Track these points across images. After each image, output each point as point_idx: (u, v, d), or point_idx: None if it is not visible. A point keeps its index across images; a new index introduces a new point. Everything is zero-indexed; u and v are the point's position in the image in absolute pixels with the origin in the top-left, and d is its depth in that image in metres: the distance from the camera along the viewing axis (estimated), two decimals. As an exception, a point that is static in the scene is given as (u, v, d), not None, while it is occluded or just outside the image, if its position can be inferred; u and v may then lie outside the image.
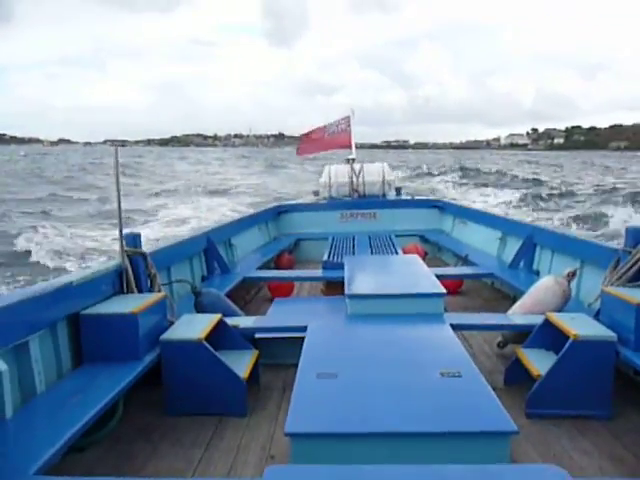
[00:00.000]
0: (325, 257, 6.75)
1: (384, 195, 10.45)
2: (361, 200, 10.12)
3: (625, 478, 2.71)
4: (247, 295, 6.54)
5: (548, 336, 3.85)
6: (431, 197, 11.25)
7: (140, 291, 4.11)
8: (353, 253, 7.13)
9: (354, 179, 10.31)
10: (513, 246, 6.69)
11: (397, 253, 7.03)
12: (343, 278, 4.88)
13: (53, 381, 3.18)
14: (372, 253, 7.14)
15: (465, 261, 7.31)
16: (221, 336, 3.93)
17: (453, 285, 6.52)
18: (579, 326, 3.55)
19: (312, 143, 10.99)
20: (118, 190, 4.00)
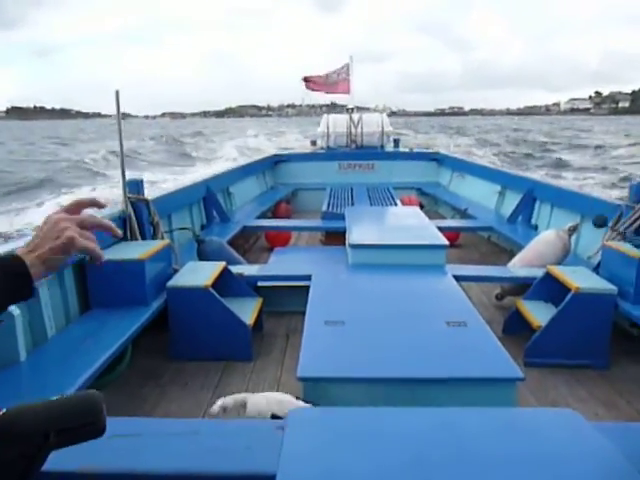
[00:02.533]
0: (324, 207, 6.74)
1: (382, 146, 10.35)
2: (359, 151, 10.03)
3: (619, 421, 2.83)
4: (246, 244, 6.56)
5: (548, 289, 3.92)
6: (429, 150, 11.16)
7: (143, 238, 4.10)
8: (352, 204, 7.12)
9: (352, 129, 10.18)
10: (512, 200, 6.70)
11: (396, 205, 7.03)
12: (343, 228, 4.89)
13: (62, 326, 3.20)
14: (371, 204, 7.14)
15: (464, 214, 7.33)
16: (226, 283, 3.96)
17: (450, 237, 6.54)
18: (580, 279, 3.61)
19: (315, 84, 10.83)
20: (120, 136, 3.93)
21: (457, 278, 3.96)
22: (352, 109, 10.39)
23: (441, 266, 4.13)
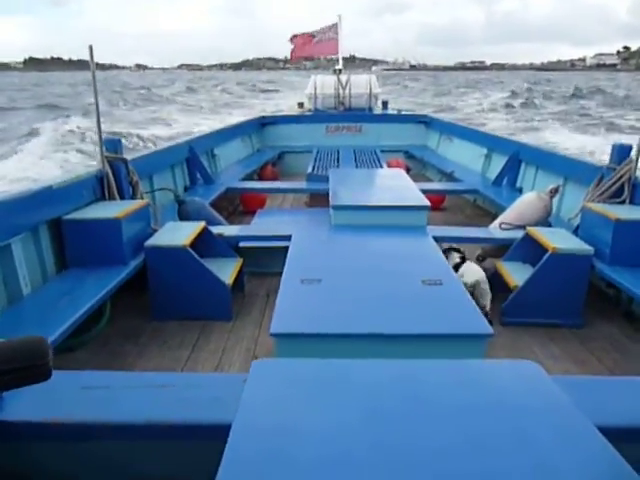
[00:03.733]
0: (309, 169, 6.68)
1: (370, 109, 10.22)
2: (347, 113, 9.90)
3: (585, 375, 2.89)
4: (230, 206, 6.51)
5: (527, 250, 3.94)
6: (417, 112, 11.04)
7: (122, 198, 4.05)
8: (338, 166, 7.07)
9: (340, 91, 10.02)
10: (498, 163, 6.68)
11: (382, 167, 6.98)
12: (327, 190, 4.86)
13: (39, 284, 3.19)
14: (357, 167, 7.09)
15: (450, 178, 7.31)
16: (205, 244, 3.94)
17: (436, 200, 6.55)
18: (558, 240, 3.63)
19: (301, 47, 10.58)
20: (95, 93, 3.83)
21: (438, 239, 3.97)
22: (340, 70, 10.20)
23: (422, 227, 4.13)
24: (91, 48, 3.69)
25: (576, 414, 1.34)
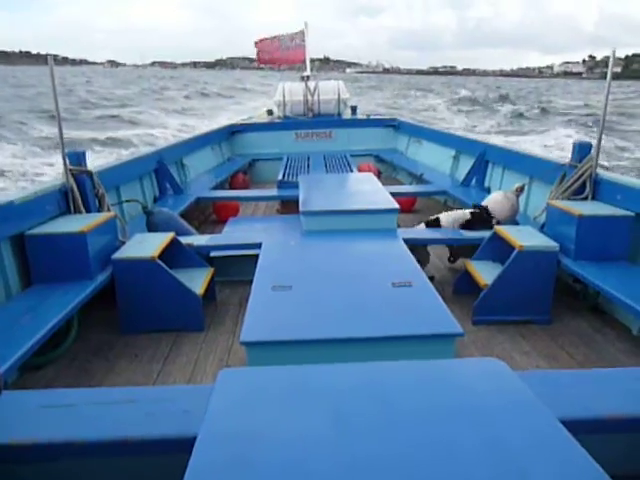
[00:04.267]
0: (280, 176, 6.68)
1: (339, 114, 10.27)
2: (316, 119, 9.93)
3: (556, 369, 2.94)
4: (201, 216, 6.46)
5: (495, 248, 4.00)
6: (386, 116, 11.13)
7: (88, 211, 3.98)
8: (308, 172, 7.08)
9: (309, 97, 10.05)
10: (466, 164, 6.78)
11: (352, 172, 7.02)
12: (298, 197, 4.86)
13: (2, 302, 3.11)
14: (327, 172, 7.11)
15: (420, 180, 7.38)
16: (175, 254, 3.90)
17: (407, 203, 6.61)
18: (524, 237, 3.69)
19: (268, 54, 10.58)
20: (56, 105, 3.77)
21: (408, 241, 4.00)
22: (308, 77, 10.23)
23: (392, 230, 4.16)
24: (51, 59, 3.63)
25: (540, 409, 1.36)
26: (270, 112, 10.78)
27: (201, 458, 1.17)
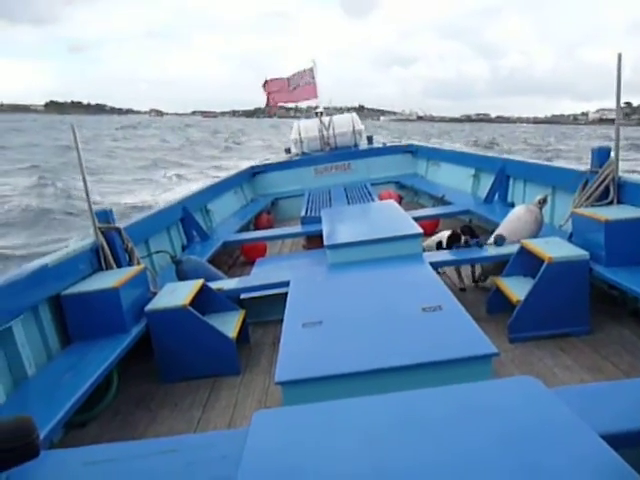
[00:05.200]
0: (303, 213, 6.76)
1: (356, 145, 10.40)
2: (333, 152, 10.07)
3: (602, 382, 2.85)
4: (229, 259, 6.56)
5: (525, 263, 3.95)
6: (402, 142, 11.22)
7: (119, 266, 4.10)
8: (330, 206, 7.15)
9: (324, 132, 10.23)
10: (487, 181, 6.75)
11: (373, 201, 7.06)
12: (322, 231, 4.90)
13: (43, 363, 3.20)
14: (349, 203, 7.17)
15: (442, 202, 7.37)
16: (206, 300, 3.96)
17: (430, 226, 6.59)
18: (553, 249, 3.64)
19: (277, 94, 10.81)
20: (81, 166, 3.94)
21: (435, 264, 3.98)
22: (321, 112, 10.43)
23: (418, 254, 4.15)
24: (73, 129, 3.81)
25: (579, 426, 1.33)
26: (288, 150, 10.99)
27: None
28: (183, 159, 33.06)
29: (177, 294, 3.74)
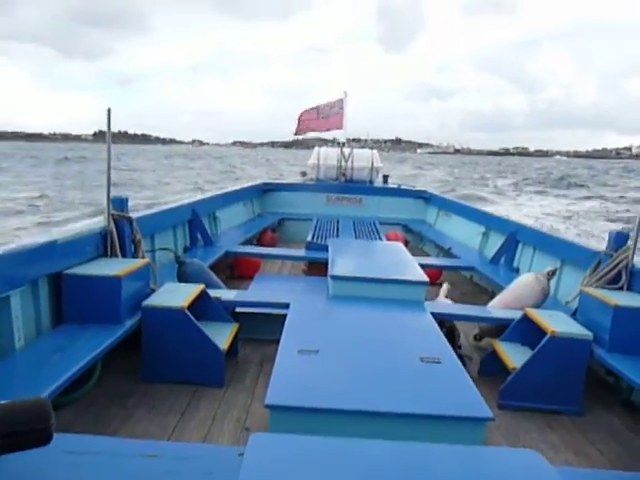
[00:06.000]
0: (309, 238, 6.75)
1: (371, 181, 10.47)
2: (348, 184, 10.13)
3: (588, 469, 2.80)
4: (228, 269, 6.52)
5: (525, 331, 3.92)
6: (417, 187, 11.29)
7: (124, 256, 4.06)
8: (337, 236, 7.15)
9: (343, 163, 10.30)
10: (495, 242, 6.77)
11: (381, 239, 7.06)
12: (326, 259, 4.88)
13: (32, 338, 3.14)
14: (356, 237, 7.17)
15: (447, 253, 7.37)
16: (202, 307, 3.91)
17: (432, 275, 6.56)
18: (557, 323, 3.62)
19: (306, 122, 10.92)
20: (109, 151, 3.94)
21: (435, 315, 3.95)
22: (344, 143, 10.53)
23: (420, 302, 4.13)
24: (109, 111, 3.82)
25: None
26: (304, 174, 11.04)
27: None
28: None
29: (177, 295, 3.69)
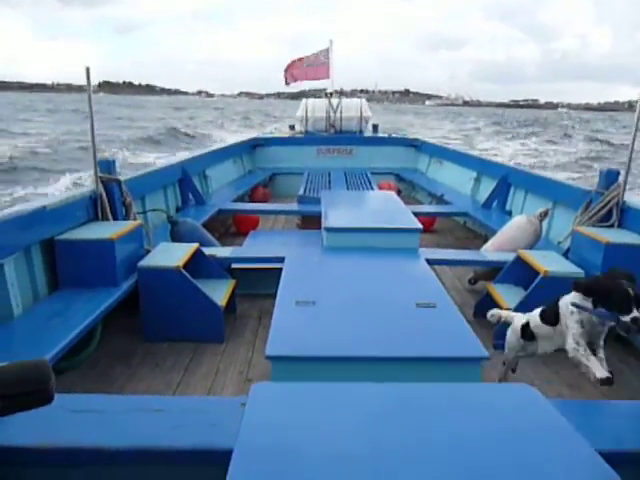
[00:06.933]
0: (301, 191, 6.72)
1: (361, 131, 10.34)
2: (338, 135, 10.01)
3: (580, 399, 2.90)
4: (222, 227, 6.51)
5: (518, 272, 3.97)
6: (408, 135, 11.17)
7: (115, 219, 4.05)
8: (329, 188, 7.11)
9: (331, 114, 10.14)
10: (488, 186, 6.77)
11: (373, 190, 7.04)
12: (319, 212, 4.88)
13: (30, 305, 3.16)
14: (348, 189, 7.14)
15: (440, 200, 7.38)
16: (198, 265, 3.93)
17: (426, 222, 6.59)
18: (549, 263, 3.67)
19: (293, 72, 10.72)
20: (91, 114, 3.85)
21: (430, 262, 3.99)
22: (331, 93, 10.33)
23: (414, 250, 4.16)
24: (88, 70, 3.71)
25: (577, 438, 1.35)
26: (292, 127, 10.89)
27: (238, 472, 1.18)
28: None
29: (171, 254, 3.70)
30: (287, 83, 11.01)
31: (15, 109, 55.83)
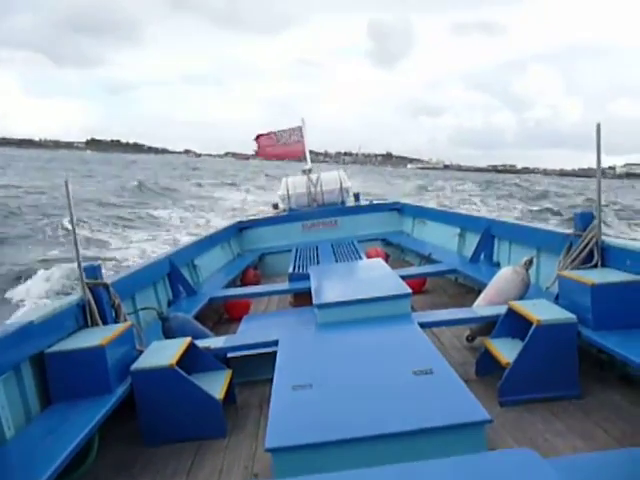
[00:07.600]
0: (290, 269, 6.76)
1: (343, 202, 10.56)
2: (321, 209, 10.21)
3: (595, 452, 2.81)
4: (215, 315, 6.49)
5: (513, 324, 3.97)
6: (388, 200, 11.42)
7: (105, 323, 4.03)
8: (317, 262, 7.17)
9: (312, 189, 10.39)
10: (472, 240, 6.86)
11: (361, 258, 7.11)
12: (310, 288, 4.90)
13: (22, 425, 3.08)
14: (336, 260, 7.20)
15: (429, 260, 7.44)
16: (193, 359, 3.89)
17: (417, 284, 6.63)
18: (541, 311, 3.67)
19: (266, 149, 11.07)
20: (72, 222, 3.94)
21: (425, 324, 3.98)
22: (309, 170, 10.63)
23: (407, 315, 4.16)
24: (67, 183, 3.83)
25: None
26: (275, 206, 11.11)
27: None
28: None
29: (164, 353, 3.67)
30: (258, 154, 11.34)
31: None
